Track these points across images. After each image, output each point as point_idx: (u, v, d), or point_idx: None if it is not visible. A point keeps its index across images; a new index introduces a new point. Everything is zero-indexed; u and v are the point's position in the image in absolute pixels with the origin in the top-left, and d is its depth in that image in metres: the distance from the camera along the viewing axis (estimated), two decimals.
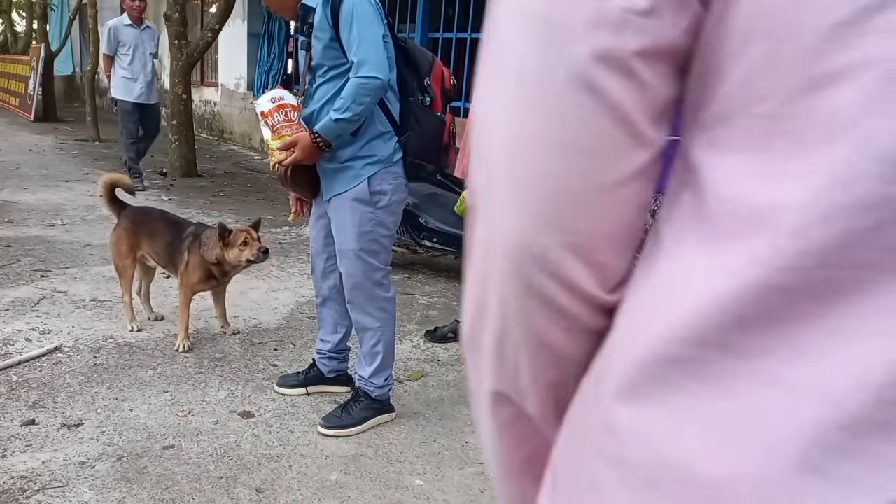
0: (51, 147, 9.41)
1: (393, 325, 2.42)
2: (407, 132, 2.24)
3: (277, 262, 4.55)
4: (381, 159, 2.20)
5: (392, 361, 2.48)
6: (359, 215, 2.23)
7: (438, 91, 2.32)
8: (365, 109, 2.08)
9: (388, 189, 2.23)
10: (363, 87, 2.04)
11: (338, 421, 2.41)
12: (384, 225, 2.28)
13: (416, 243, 4.34)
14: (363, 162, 2.20)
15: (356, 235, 2.25)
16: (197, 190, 7.05)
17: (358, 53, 2.05)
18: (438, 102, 2.33)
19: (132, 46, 6.60)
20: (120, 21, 6.67)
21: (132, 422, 2.39)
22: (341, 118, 2.07)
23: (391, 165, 2.23)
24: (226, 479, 2.10)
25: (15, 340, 2.97)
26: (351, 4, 2.06)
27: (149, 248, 3.08)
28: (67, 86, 17.66)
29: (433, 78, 2.31)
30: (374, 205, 2.22)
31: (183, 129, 7.64)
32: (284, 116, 2.19)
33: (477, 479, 2.21)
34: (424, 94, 2.29)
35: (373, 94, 2.06)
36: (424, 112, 2.28)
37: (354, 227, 2.24)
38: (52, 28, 15.11)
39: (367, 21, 2.06)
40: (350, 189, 2.22)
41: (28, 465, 2.09)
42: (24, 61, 13.78)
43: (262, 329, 3.36)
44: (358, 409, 2.42)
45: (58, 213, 5.48)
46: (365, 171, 2.20)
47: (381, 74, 2.04)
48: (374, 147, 2.20)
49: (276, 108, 2.18)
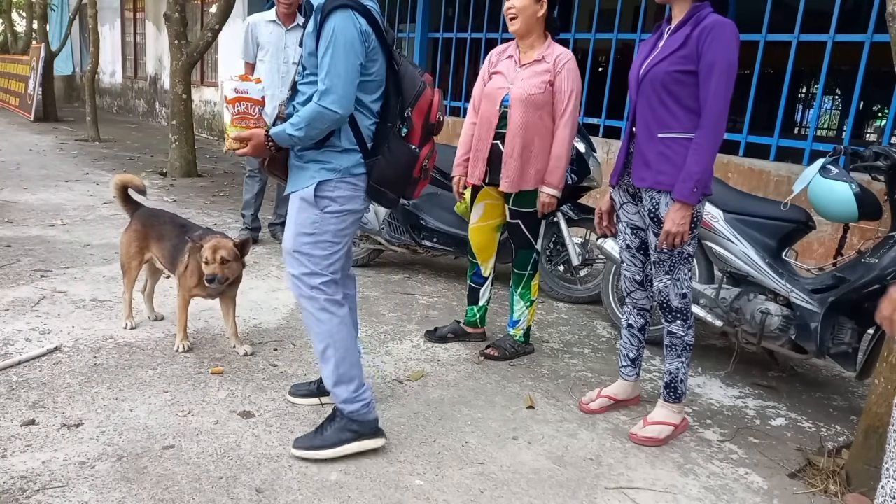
0: (51, 147, 9.41)
1: (346, 330, 2.25)
2: (376, 156, 2.19)
3: (277, 262, 4.55)
4: (337, 168, 2.17)
5: (356, 371, 2.27)
6: (303, 216, 2.20)
7: (419, 124, 2.23)
8: (318, 134, 2.09)
9: (339, 197, 2.18)
10: (320, 115, 2.04)
11: (308, 441, 2.25)
12: (328, 231, 2.21)
13: (416, 243, 4.34)
14: (319, 166, 2.18)
15: (294, 235, 2.23)
16: (197, 190, 7.05)
17: (325, 81, 2.03)
18: (416, 135, 2.23)
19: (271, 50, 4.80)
20: (262, 17, 4.85)
21: (132, 422, 2.39)
22: (293, 134, 2.09)
23: (349, 176, 2.19)
24: (226, 479, 2.10)
25: (15, 340, 2.98)
26: (332, 27, 2.02)
27: (157, 251, 3.09)
28: (67, 86, 17.68)
29: (416, 109, 2.21)
30: (320, 209, 2.18)
31: (183, 129, 7.64)
32: (244, 108, 2.20)
33: (477, 479, 2.21)
34: (403, 124, 2.21)
35: (328, 124, 2.07)
36: (398, 142, 2.20)
37: (295, 226, 2.22)
38: (52, 28, 15.12)
39: (343, 49, 2.02)
40: (301, 189, 2.20)
41: (28, 465, 2.09)
42: (24, 61, 13.78)
43: (262, 329, 3.36)
44: (332, 430, 2.25)
45: (58, 213, 5.48)
46: (318, 174, 2.17)
47: (340, 109, 2.04)
48: (333, 156, 2.17)
49: (237, 99, 2.19)
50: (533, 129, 2.94)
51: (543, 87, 2.91)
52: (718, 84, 2.22)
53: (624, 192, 2.58)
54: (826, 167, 2.74)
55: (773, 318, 2.92)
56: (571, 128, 2.97)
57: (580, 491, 2.19)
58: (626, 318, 2.74)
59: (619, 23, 6.19)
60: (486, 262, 3.31)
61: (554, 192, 3.00)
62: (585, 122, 6.19)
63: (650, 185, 2.39)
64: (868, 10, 4.61)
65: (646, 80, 2.38)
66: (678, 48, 2.30)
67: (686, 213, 2.31)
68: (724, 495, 2.24)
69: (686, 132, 2.32)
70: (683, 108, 2.32)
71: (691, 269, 2.51)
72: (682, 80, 2.29)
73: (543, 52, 2.96)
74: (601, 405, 2.75)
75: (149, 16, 14.28)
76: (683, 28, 2.32)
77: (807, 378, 3.34)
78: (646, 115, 2.40)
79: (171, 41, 7.54)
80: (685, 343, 2.53)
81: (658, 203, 2.40)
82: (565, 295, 4.22)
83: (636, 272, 2.65)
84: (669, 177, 2.34)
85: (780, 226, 3.00)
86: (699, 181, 2.27)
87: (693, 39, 2.26)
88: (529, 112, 2.91)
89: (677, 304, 2.49)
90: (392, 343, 3.30)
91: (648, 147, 2.39)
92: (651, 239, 2.47)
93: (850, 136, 6.20)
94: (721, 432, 2.68)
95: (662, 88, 2.33)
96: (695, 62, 2.26)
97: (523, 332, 3.25)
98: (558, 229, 4.13)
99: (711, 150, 2.27)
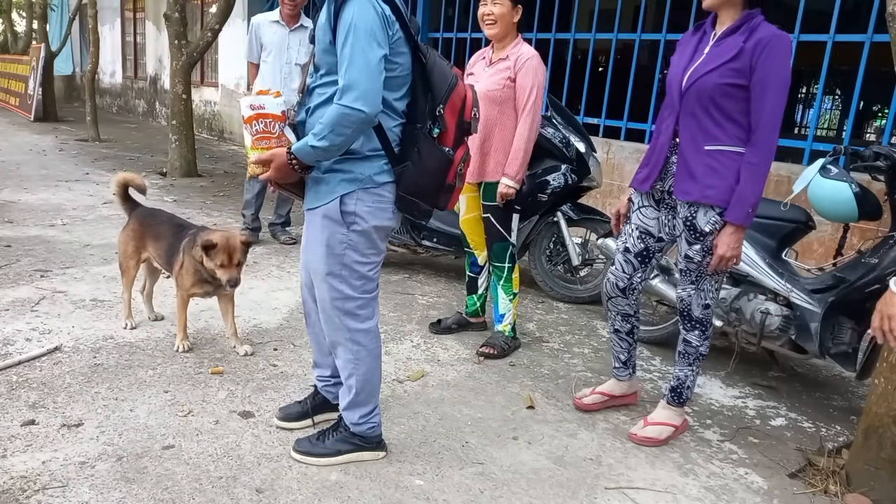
0: (51, 147, 9.41)
1: (372, 360, 2.14)
2: (405, 162, 1.96)
3: (277, 262, 4.55)
4: (358, 178, 1.95)
5: (373, 399, 2.20)
6: (327, 235, 1.99)
7: (453, 123, 1.98)
8: (345, 141, 1.85)
9: (363, 212, 1.96)
10: (345, 117, 1.80)
11: (308, 447, 2.22)
12: (358, 251, 2.01)
13: (416, 243, 4.34)
14: (338, 177, 1.95)
15: (324, 256, 2.01)
16: (197, 190, 7.05)
17: (346, 76, 1.80)
18: (450, 136, 1.99)
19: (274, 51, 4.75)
20: (266, 18, 4.82)
21: (132, 422, 2.39)
22: (317, 146, 1.85)
23: (372, 187, 1.96)
24: (226, 479, 2.10)
25: (15, 340, 2.97)
26: (351, 14, 1.80)
27: (153, 251, 3.08)
28: (67, 86, 17.68)
29: (449, 107, 1.96)
30: (346, 226, 1.97)
31: (183, 129, 7.64)
32: (263, 127, 1.97)
33: (477, 479, 2.21)
34: (434, 124, 1.96)
35: (355, 126, 1.83)
36: (429, 144, 1.95)
37: (323, 247, 2.01)
38: (52, 28, 15.12)
39: (364, 39, 1.79)
40: (321, 205, 1.98)
41: (28, 465, 2.09)
42: (24, 61, 13.78)
43: (262, 329, 3.36)
44: (333, 440, 2.22)
45: (58, 213, 5.48)
46: (339, 188, 1.95)
47: (367, 108, 1.80)
48: (354, 164, 1.95)
49: (256, 117, 1.96)
50: (492, 124, 3.07)
51: (502, 84, 3.04)
52: (773, 101, 2.11)
53: (648, 196, 2.49)
54: (826, 167, 2.74)
55: (773, 318, 2.92)
56: (531, 122, 3.04)
57: (580, 491, 2.19)
58: (612, 323, 2.70)
59: (619, 23, 6.18)
60: (480, 251, 3.43)
61: (511, 182, 3.06)
62: (585, 122, 6.19)
63: (696, 198, 2.27)
64: (868, 10, 4.60)
65: (692, 89, 2.25)
66: (730, 60, 2.16)
67: (740, 237, 2.23)
68: (724, 495, 2.24)
69: (735, 145, 2.21)
70: (731, 121, 2.21)
71: (720, 282, 2.43)
72: (733, 94, 2.17)
73: (510, 50, 3.08)
74: (594, 401, 2.74)
75: (149, 16, 14.28)
76: (734, 37, 2.18)
77: (807, 378, 3.34)
78: (691, 126, 2.28)
79: (171, 41, 7.54)
80: (699, 353, 2.51)
81: (696, 212, 2.30)
82: (565, 295, 4.22)
83: (622, 278, 2.57)
84: (718, 191, 2.23)
85: (780, 226, 3.00)
86: (755, 204, 2.19)
87: (747, 52, 2.13)
88: (488, 108, 3.04)
89: (699, 315, 2.45)
90: (392, 343, 3.30)
91: (695, 159, 2.28)
92: (682, 246, 2.39)
93: (850, 136, 6.20)
94: (721, 432, 2.68)
95: (710, 101, 2.21)
96: (747, 76, 2.14)
97: (510, 326, 3.31)
98: (558, 229, 4.13)
99: (766, 171, 2.17)
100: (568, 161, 3.77)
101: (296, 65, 4.69)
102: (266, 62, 4.74)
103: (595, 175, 3.91)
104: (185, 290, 2.92)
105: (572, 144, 3.79)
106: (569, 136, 3.80)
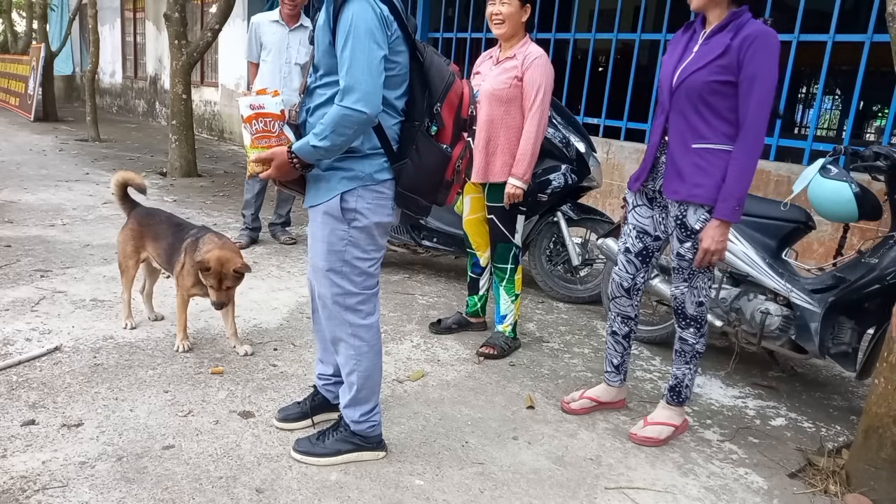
0: (51, 147, 9.41)
1: (373, 356, 2.17)
2: (404, 160, 2.00)
3: (277, 262, 4.55)
4: (359, 175, 1.98)
5: (374, 397, 2.22)
6: (328, 231, 2.03)
7: (450, 121, 2.03)
8: (346, 141, 1.88)
9: (364, 209, 2.00)
10: (347, 118, 1.83)
11: (308, 447, 2.23)
12: (359, 247, 2.05)
13: (416, 243, 4.34)
14: (339, 175, 1.99)
15: (325, 253, 2.05)
16: (197, 190, 7.05)
17: (347, 77, 1.82)
18: (447, 133, 2.03)
19: (274, 50, 4.71)
20: (266, 17, 4.80)
21: (132, 422, 2.39)
22: (319, 146, 1.87)
23: (372, 184, 2.00)
24: (226, 479, 2.10)
25: (15, 340, 2.97)
26: (350, 16, 1.82)
27: (152, 250, 3.08)
28: (67, 86, 17.68)
29: (446, 105, 2.00)
30: (347, 223, 2.01)
31: (183, 129, 7.64)
32: (263, 126, 1.99)
33: (477, 479, 2.21)
34: (432, 122, 2.00)
35: (356, 127, 1.86)
36: (427, 142, 2.00)
37: (324, 244, 2.05)
38: (52, 28, 15.13)
39: (364, 40, 1.82)
40: (322, 203, 2.02)
41: (28, 465, 2.09)
42: (24, 61, 13.78)
43: (262, 329, 3.36)
44: (333, 440, 2.23)
45: (58, 213, 5.48)
46: (339, 185, 1.98)
47: (368, 109, 1.82)
48: (354, 162, 1.98)
49: (255, 116, 1.98)
50: (498, 124, 3.05)
51: (510, 83, 3.01)
52: (760, 97, 2.12)
53: (641, 195, 2.51)
54: (826, 167, 2.74)
55: (773, 318, 2.92)
56: (538, 122, 3.01)
57: (580, 491, 2.19)
58: (611, 324, 2.70)
59: (619, 23, 6.18)
60: (482, 252, 3.41)
61: (518, 183, 3.04)
62: (585, 122, 6.19)
63: (684, 198, 2.29)
64: (868, 10, 4.61)
65: (681, 88, 2.26)
66: (717, 57, 2.18)
67: (726, 231, 2.24)
68: (724, 495, 2.24)
69: (722, 143, 2.23)
70: (720, 119, 2.22)
71: (712, 279, 2.44)
72: (721, 91, 2.19)
73: (517, 50, 3.06)
74: (583, 406, 2.73)
75: (149, 16, 14.28)
76: (722, 35, 2.20)
77: (807, 378, 3.34)
78: (680, 125, 2.30)
79: (171, 41, 7.54)
80: (696, 351, 2.51)
81: (686, 210, 2.31)
82: (565, 295, 4.22)
83: (626, 278, 2.58)
84: (705, 190, 2.24)
85: (780, 226, 3.00)
86: (741, 199, 2.20)
87: (734, 49, 2.15)
88: (494, 107, 3.02)
89: (692, 312, 2.45)
90: (392, 343, 3.30)
91: (682, 158, 2.29)
92: (674, 244, 2.40)
93: (850, 136, 6.20)
94: (721, 432, 2.68)
95: (699, 98, 2.23)
96: (735, 73, 2.16)
97: (511, 326, 3.30)
98: (558, 229, 4.13)
99: (752, 167, 2.18)
100: (568, 161, 3.77)
101: (295, 64, 4.69)
102: (266, 62, 4.74)
103: (595, 175, 3.91)
104: (186, 289, 2.92)
105: (572, 144, 3.79)
106: (569, 135, 3.80)
